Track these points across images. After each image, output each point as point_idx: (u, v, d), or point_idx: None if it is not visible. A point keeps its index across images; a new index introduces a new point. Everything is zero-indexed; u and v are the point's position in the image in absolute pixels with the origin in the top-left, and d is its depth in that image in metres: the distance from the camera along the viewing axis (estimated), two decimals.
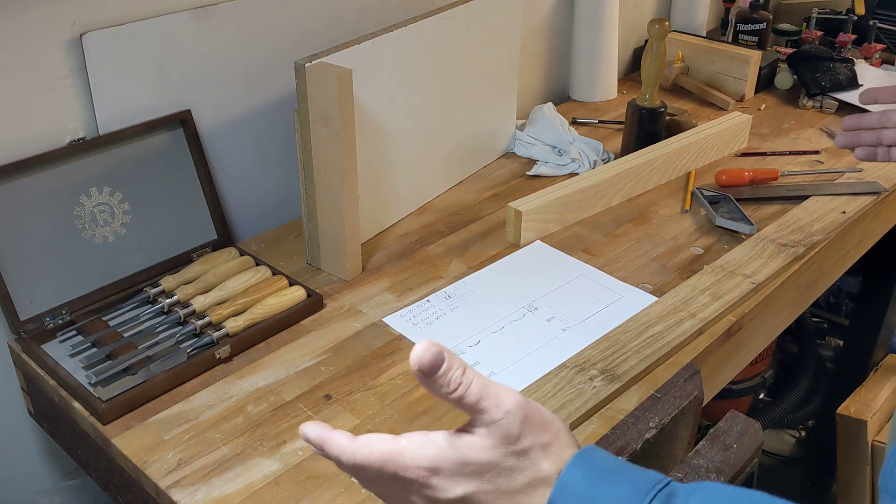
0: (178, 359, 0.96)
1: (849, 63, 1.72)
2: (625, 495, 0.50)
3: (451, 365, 0.50)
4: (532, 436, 0.52)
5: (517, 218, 1.21)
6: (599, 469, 0.52)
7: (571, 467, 0.52)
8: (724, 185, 1.37)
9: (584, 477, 0.51)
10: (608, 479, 0.51)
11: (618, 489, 0.51)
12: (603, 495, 0.50)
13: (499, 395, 0.52)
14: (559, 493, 0.51)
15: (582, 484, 0.51)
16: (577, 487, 0.51)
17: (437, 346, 0.50)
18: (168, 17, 1.09)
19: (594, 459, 0.52)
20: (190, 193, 1.16)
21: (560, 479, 0.52)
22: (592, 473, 0.51)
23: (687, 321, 1.04)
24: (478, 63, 1.34)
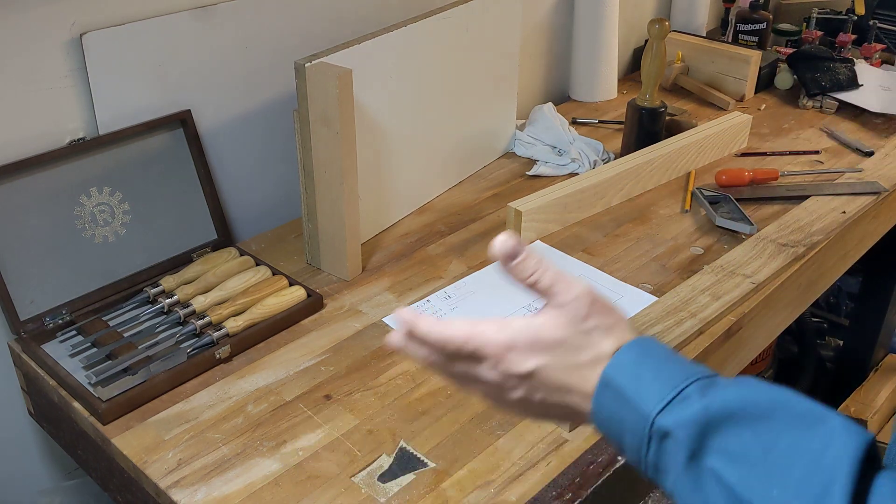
0: (178, 359, 0.96)
1: (849, 63, 1.72)
2: (667, 376, 0.56)
3: (528, 255, 0.59)
4: (598, 318, 0.59)
5: (517, 218, 1.21)
6: (652, 353, 0.59)
7: (627, 348, 0.59)
8: (724, 185, 1.37)
9: (636, 356, 0.58)
10: (657, 361, 0.58)
11: (663, 370, 0.57)
12: (649, 374, 0.57)
13: (570, 282, 0.60)
14: (612, 367, 0.58)
15: (634, 362, 0.58)
16: (629, 365, 0.58)
17: (515, 239, 0.59)
18: (168, 17, 1.09)
19: (649, 345, 0.59)
20: (190, 193, 1.16)
21: (615, 356, 0.59)
22: (644, 355, 0.58)
23: (687, 321, 1.04)
24: (478, 63, 1.34)
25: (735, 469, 0.52)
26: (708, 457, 0.53)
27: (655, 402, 0.55)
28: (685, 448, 0.53)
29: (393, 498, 0.81)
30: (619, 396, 0.57)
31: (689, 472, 0.54)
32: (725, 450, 0.52)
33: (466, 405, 0.93)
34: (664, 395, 0.55)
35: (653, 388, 0.56)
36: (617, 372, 0.58)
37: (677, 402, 0.55)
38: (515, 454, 0.86)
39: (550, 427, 0.90)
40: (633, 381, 0.57)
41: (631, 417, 0.56)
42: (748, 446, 0.52)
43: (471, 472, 0.84)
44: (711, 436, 0.53)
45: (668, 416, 0.55)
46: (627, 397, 0.57)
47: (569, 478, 0.83)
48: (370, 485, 0.83)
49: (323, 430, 0.89)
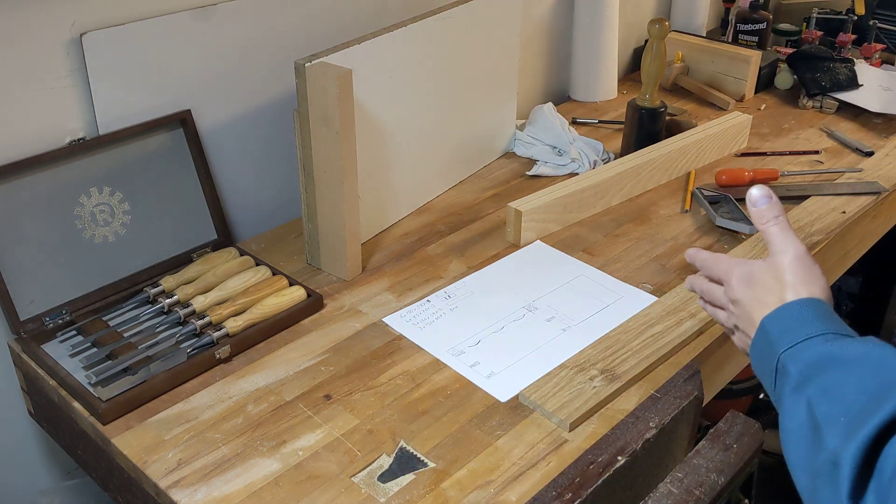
0: (178, 359, 0.96)
1: (849, 63, 1.72)
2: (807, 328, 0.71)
3: (771, 206, 0.79)
4: (793, 275, 0.76)
5: (517, 218, 1.21)
6: (809, 310, 0.73)
7: (791, 304, 0.74)
8: (724, 185, 1.37)
9: (795, 311, 0.73)
10: (809, 317, 0.72)
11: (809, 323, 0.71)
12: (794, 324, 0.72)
13: (787, 243, 0.77)
14: (770, 316, 0.75)
15: (789, 315, 0.73)
16: (784, 317, 0.74)
17: (766, 191, 0.80)
18: (168, 17, 1.09)
19: (812, 305, 0.73)
20: (190, 193, 1.16)
21: (777, 308, 0.75)
22: (802, 311, 0.73)
23: (687, 321, 1.04)
24: (478, 63, 1.34)
25: (822, 399, 0.65)
26: (808, 388, 0.66)
27: (786, 343, 0.70)
28: (792, 380, 0.68)
29: (393, 498, 0.81)
30: (766, 337, 0.73)
31: (792, 399, 0.68)
32: (822, 385, 0.65)
33: (466, 405, 0.93)
34: (794, 340, 0.70)
35: (790, 335, 0.71)
36: (771, 319, 0.74)
37: (802, 345, 0.69)
38: (515, 454, 0.86)
39: (550, 427, 0.90)
40: (778, 328, 0.72)
41: (769, 356, 0.72)
42: (841, 386, 0.64)
43: (471, 472, 0.84)
44: (815, 373, 0.67)
45: (790, 354, 0.70)
46: (771, 339, 0.73)
47: (569, 478, 0.83)
48: (370, 485, 0.83)
49: (323, 430, 0.89)
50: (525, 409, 0.92)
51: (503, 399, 0.94)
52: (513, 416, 0.91)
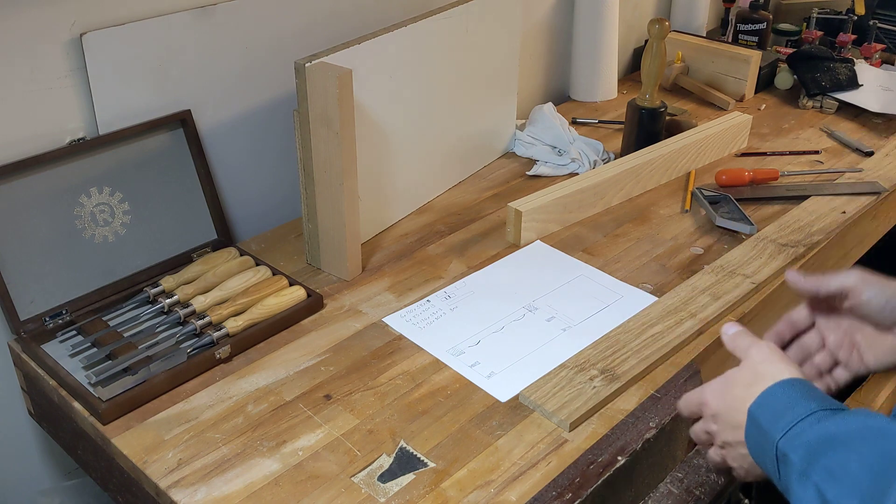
0: (178, 359, 0.96)
1: (849, 63, 1.72)
2: (796, 410, 0.68)
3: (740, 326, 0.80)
4: (765, 363, 0.75)
5: (517, 218, 1.21)
6: (793, 390, 0.70)
7: (769, 390, 0.71)
8: (724, 185, 1.37)
9: (777, 395, 0.71)
10: (794, 398, 0.69)
11: (796, 404, 0.69)
12: (782, 407, 0.69)
13: (750, 340, 0.78)
14: (755, 405, 0.71)
15: (774, 399, 0.71)
16: (769, 402, 0.71)
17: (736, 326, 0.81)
18: (168, 17, 1.09)
19: (792, 384, 0.71)
20: (190, 193, 1.16)
21: (759, 396, 0.71)
22: (784, 393, 0.70)
23: (687, 321, 1.04)
24: (478, 63, 1.34)
25: (831, 483, 0.63)
26: (814, 474, 0.64)
27: (781, 429, 0.68)
28: (796, 467, 0.65)
29: (393, 498, 0.81)
30: (758, 427, 0.70)
31: (800, 486, 0.65)
32: (827, 468, 0.63)
33: (466, 405, 0.93)
34: (788, 423, 0.68)
35: (782, 419, 0.68)
36: (758, 407, 0.71)
37: (797, 428, 0.67)
38: (515, 454, 0.86)
39: (550, 427, 0.90)
40: (768, 415, 0.70)
41: (765, 444, 0.69)
42: (845, 466, 0.62)
43: (471, 472, 0.84)
44: (818, 457, 0.64)
45: (787, 440, 0.67)
46: (763, 428, 0.70)
47: (569, 478, 0.83)
48: (370, 485, 0.83)
49: (323, 430, 0.89)
50: (525, 409, 0.92)
51: (503, 399, 0.94)
52: (513, 416, 0.91)
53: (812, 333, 0.89)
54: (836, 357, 0.88)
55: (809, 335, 0.89)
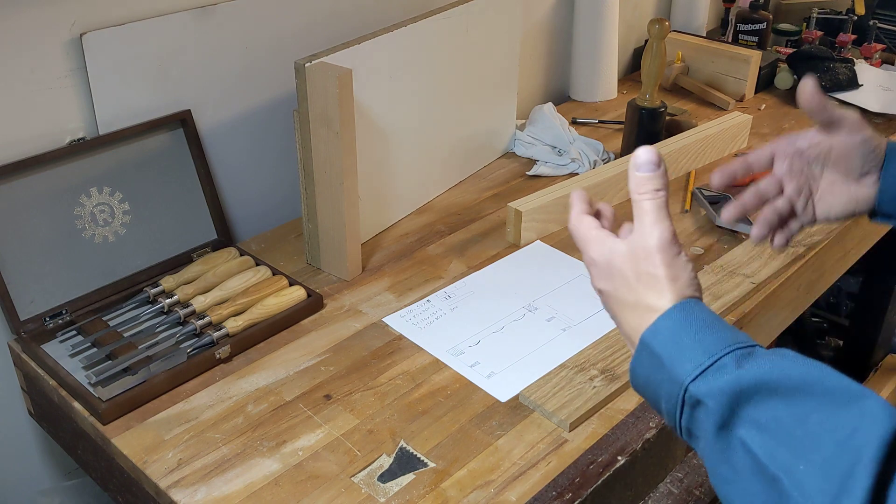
0: (178, 359, 0.96)
1: (849, 63, 1.72)
2: (706, 344, 0.57)
3: (654, 179, 0.63)
4: (655, 267, 0.61)
5: (517, 218, 1.21)
6: (693, 318, 0.59)
7: (669, 313, 0.60)
8: None
9: (676, 322, 0.59)
10: (698, 328, 0.58)
11: (703, 337, 0.58)
12: (687, 340, 0.58)
13: (655, 225, 0.62)
14: (651, 332, 0.60)
15: (673, 328, 0.59)
16: (668, 331, 0.59)
17: (655, 158, 0.63)
18: (168, 17, 1.09)
19: (692, 310, 0.60)
20: (190, 193, 1.16)
21: (656, 321, 0.60)
22: (685, 321, 0.59)
23: None
24: (478, 63, 1.34)
25: (764, 441, 0.52)
26: (738, 427, 0.54)
27: (690, 369, 0.56)
28: (716, 416, 0.54)
29: (393, 498, 0.81)
30: (655, 360, 0.59)
31: (719, 441, 0.55)
32: (756, 421, 0.53)
33: (466, 405, 0.93)
34: (700, 363, 0.56)
35: (688, 356, 0.57)
36: (655, 337, 0.60)
37: (712, 371, 0.56)
38: (515, 454, 0.86)
39: (550, 427, 0.90)
40: (669, 347, 0.58)
41: (666, 382, 0.58)
42: (779, 419, 0.52)
43: (471, 472, 0.84)
44: (743, 406, 0.54)
45: (700, 384, 0.56)
46: (663, 363, 0.58)
47: (569, 478, 0.83)
48: (370, 485, 0.83)
49: (323, 430, 0.89)
50: (525, 409, 0.92)
51: (503, 399, 0.94)
52: (513, 416, 0.91)
53: (769, 179, 0.85)
54: (793, 205, 0.84)
55: (766, 181, 0.85)
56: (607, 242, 0.66)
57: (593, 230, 0.68)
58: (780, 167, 0.85)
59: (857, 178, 0.82)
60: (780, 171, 0.85)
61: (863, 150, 0.81)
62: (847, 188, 0.83)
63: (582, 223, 0.69)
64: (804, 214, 0.85)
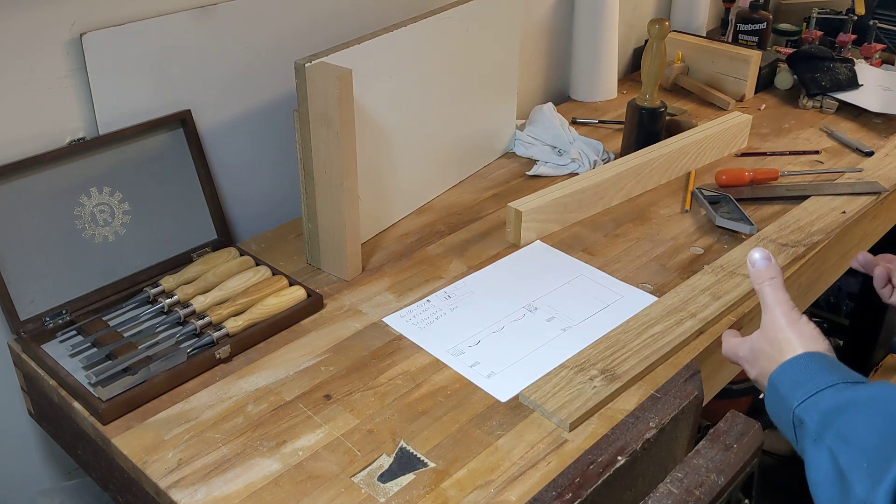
0: (178, 359, 0.96)
1: (849, 63, 1.72)
2: (818, 380, 0.73)
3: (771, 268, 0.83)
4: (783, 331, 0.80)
5: (517, 218, 1.21)
6: (814, 362, 0.75)
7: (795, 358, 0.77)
8: (724, 185, 1.37)
9: (797, 367, 0.76)
10: (815, 369, 0.74)
11: (816, 375, 0.73)
12: (803, 377, 0.74)
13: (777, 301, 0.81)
14: (777, 373, 0.77)
15: (796, 369, 0.76)
16: (791, 371, 0.76)
17: (768, 254, 0.83)
18: (168, 17, 1.09)
19: (815, 357, 0.76)
20: (190, 193, 1.16)
21: (782, 365, 0.77)
22: (806, 365, 0.75)
23: (687, 321, 1.04)
24: (478, 63, 1.34)
25: (842, 446, 0.67)
26: (827, 437, 0.68)
27: (798, 397, 0.72)
28: (810, 431, 0.70)
29: (393, 498, 0.81)
30: (777, 394, 0.76)
31: (813, 449, 0.70)
32: (839, 432, 0.68)
33: (466, 405, 0.93)
34: (806, 393, 0.72)
35: (801, 389, 0.73)
36: (779, 375, 0.76)
37: (815, 398, 0.71)
38: (515, 454, 0.86)
39: (550, 427, 0.90)
40: (788, 383, 0.75)
41: (783, 410, 0.74)
42: (856, 429, 0.66)
43: (471, 472, 0.84)
44: (831, 421, 0.69)
45: (804, 408, 0.72)
46: (782, 395, 0.75)
47: (569, 478, 0.83)
48: (370, 485, 0.83)
49: (323, 430, 0.89)
50: (525, 409, 0.92)
51: (503, 399, 0.94)
52: (513, 416, 0.91)
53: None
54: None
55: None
56: (746, 340, 0.85)
57: (733, 339, 0.89)
58: None
59: None
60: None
61: None
62: None
63: (727, 342, 0.89)
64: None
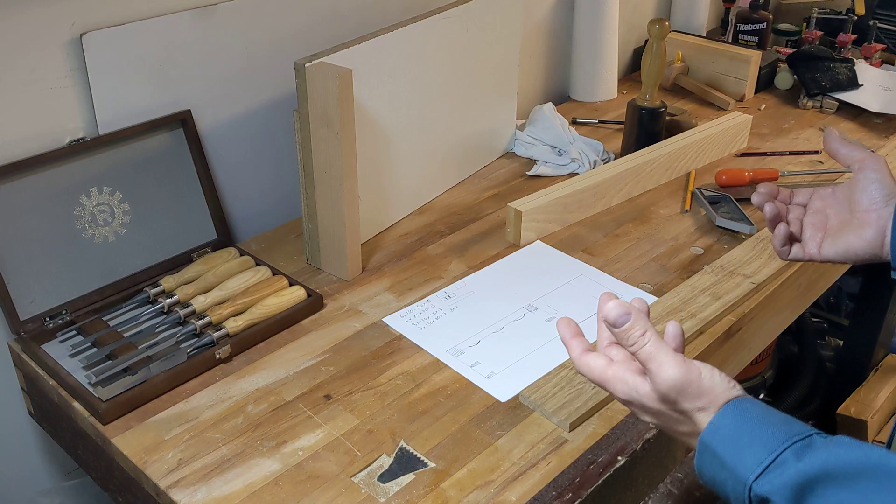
0: (178, 359, 0.96)
1: (849, 63, 1.72)
2: (764, 440, 0.59)
3: (633, 326, 0.64)
4: (689, 402, 0.63)
5: (517, 218, 1.21)
6: (748, 416, 0.61)
7: (723, 412, 0.62)
8: (724, 185, 1.37)
9: (732, 420, 0.61)
10: (753, 424, 0.60)
11: (760, 433, 0.59)
12: (745, 438, 0.59)
13: (661, 366, 0.63)
14: (709, 434, 0.62)
15: (730, 426, 0.61)
16: (725, 429, 0.61)
17: (624, 307, 0.65)
18: (168, 17, 1.09)
19: (746, 407, 0.62)
20: (190, 193, 1.16)
21: (712, 420, 0.62)
22: (741, 419, 0.61)
23: (687, 321, 1.04)
24: (478, 63, 1.34)
25: None
26: None
27: (752, 467, 0.58)
28: None
29: (393, 498, 0.81)
30: (717, 461, 0.61)
31: None
32: None
33: (466, 405, 0.93)
34: (761, 461, 0.58)
35: (749, 453, 0.59)
36: (713, 437, 0.62)
37: (773, 467, 0.57)
38: (515, 454, 0.86)
39: (550, 427, 0.90)
40: (729, 447, 0.60)
41: (731, 481, 0.60)
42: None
43: (471, 472, 0.84)
44: (807, 498, 0.56)
45: (764, 483, 0.57)
46: (725, 463, 0.60)
47: (569, 478, 0.83)
48: (370, 485, 0.83)
49: (323, 430, 0.89)
50: (525, 409, 0.92)
51: (503, 399, 0.94)
52: (513, 416, 0.91)
53: (796, 204, 0.90)
54: (802, 232, 0.87)
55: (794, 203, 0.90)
56: (628, 381, 0.67)
57: (607, 371, 0.68)
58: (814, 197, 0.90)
59: (861, 224, 0.81)
60: (812, 199, 0.89)
61: (872, 187, 0.81)
62: (845, 235, 0.83)
63: (589, 367, 0.69)
64: (808, 246, 0.87)
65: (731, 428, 0.61)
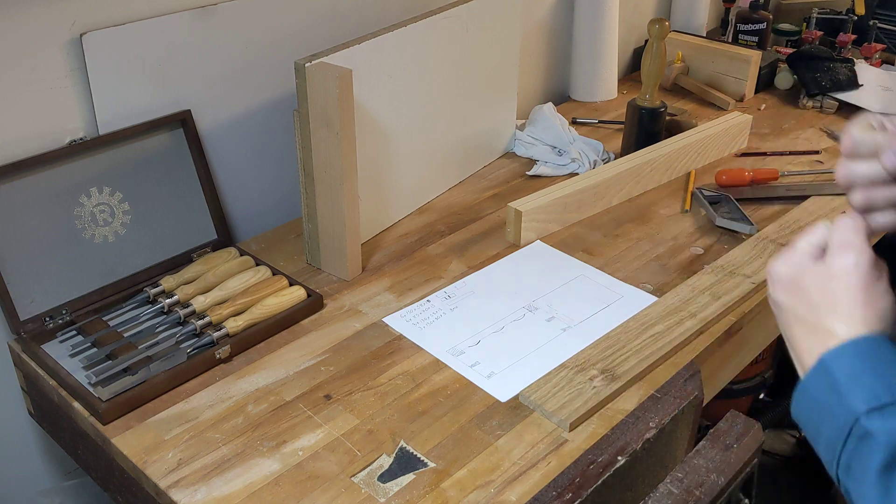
0: (178, 359, 0.96)
1: (849, 63, 1.72)
2: (889, 383, 0.55)
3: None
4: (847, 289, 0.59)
5: (517, 218, 1.21)
6: (880, 353, 0.57)
7: (856, 341, 0.57)
8: (724, 185, 1.37)
9: (863, 351, 0.57)
10: (884, 364, 0.56)
11: (886, 374, 0.55)
12: (869, 373, 0.56)
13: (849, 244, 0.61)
14: (833, 355, 0.58)
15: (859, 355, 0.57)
16: (852, 357, 0.57)
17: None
18: (168, 17, 1.09)
19: (882, 346, 0.57)
20: (190, 193, 1.16)
21: (842, 345, 0.58)
22: (872, 353, 0.57)
23: (687, 321, 1.04)
24: (478, 63, 1.34)
25: None
26: None
27: (867, 401, 0.54)
28: (882, 454, 0.52)
29: (393, 498, 0.81)
30: (831, 385, 0.57)
31: (882, 479, 0.52)
32: None
33: (466, 405, 0.93)
34: (879, 397, 0.54)
35: (869, 388, 0.55)
36: (836, 361, 0.57)
37: (891, 409, 0.54)
38: (515, 454, 0.86)
39: (550, 427, 0.90)
40: (850, 375, 0.56)
41: (838, 409, 0.56)
42: None
43: (471, 472, 0.84)
44: None
45: (876, 419, 0.54)
46: (840, 389, 0.56)
47: (569, 478, 0.83)
48: (370, 485, 0.83)
49: (323, 430, 0.89)
50: (525, 409, 0.92)
51: (503, 399, 0.94)
52: (513, 416, 0.91)
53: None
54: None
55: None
56: (797, 255, 0.63)
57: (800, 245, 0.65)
58: None
59: None
60: None
61: None
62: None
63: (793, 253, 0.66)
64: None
65: (859, 358, 0.57)
